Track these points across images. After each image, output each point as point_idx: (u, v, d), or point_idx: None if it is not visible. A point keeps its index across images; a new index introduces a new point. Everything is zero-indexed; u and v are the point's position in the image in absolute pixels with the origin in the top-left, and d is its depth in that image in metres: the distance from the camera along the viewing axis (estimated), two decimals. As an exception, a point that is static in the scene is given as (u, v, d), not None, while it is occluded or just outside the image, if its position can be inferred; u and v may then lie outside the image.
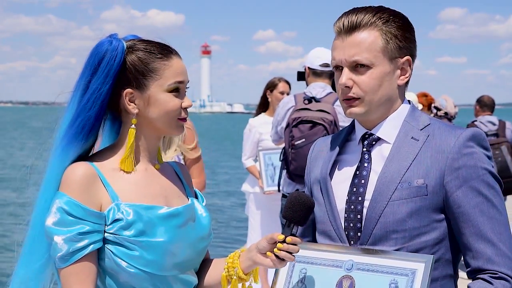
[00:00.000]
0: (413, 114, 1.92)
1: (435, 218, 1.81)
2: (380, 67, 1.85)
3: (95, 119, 1.84)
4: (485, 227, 1.77)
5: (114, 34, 1.89)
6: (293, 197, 1.83)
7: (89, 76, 1.83)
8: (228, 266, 1.93)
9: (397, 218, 1.80)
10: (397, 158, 1.85)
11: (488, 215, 1.78)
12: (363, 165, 1.91)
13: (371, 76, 1.85)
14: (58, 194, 1.78)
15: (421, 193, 1.80)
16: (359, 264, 1.77)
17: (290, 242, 1.80)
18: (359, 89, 1.86)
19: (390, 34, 1.86)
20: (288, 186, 4.86)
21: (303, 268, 1.87)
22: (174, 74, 1.86)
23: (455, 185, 1.79)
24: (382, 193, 1.83)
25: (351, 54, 1.85)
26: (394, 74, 1.88)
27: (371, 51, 1.84)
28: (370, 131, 1.93)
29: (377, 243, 1.82)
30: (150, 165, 1.94)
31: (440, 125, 1.89)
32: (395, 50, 1.86)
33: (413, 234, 1.80)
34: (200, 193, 2.10)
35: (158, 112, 1.85)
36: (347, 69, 1.86)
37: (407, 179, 1.81)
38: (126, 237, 1.77)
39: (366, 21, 1.85)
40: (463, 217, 1.79)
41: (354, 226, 1.87)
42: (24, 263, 1.86)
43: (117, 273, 1.80)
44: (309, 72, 4.87)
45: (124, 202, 1.81)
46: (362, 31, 1.85)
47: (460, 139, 1.81)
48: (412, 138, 1.86)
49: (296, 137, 4.61)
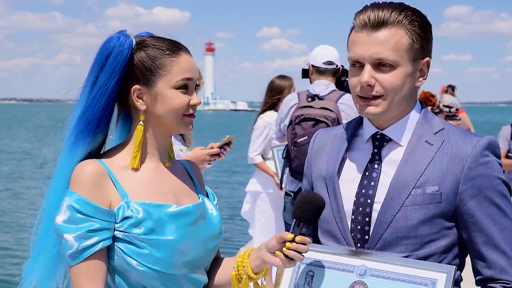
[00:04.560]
0: (426, 117, 1.88)
1: (446, 226, 1.79)
2: (403, 67, 1.79)
3: (101, 114, 1.83)
4: (498, 236, 1.77)
5: (123, 30, 1.89)
6: (303, 196, 1.80)
7: (97, 72, 1.83)
8: (238, 265, 1.92)
9: (409, 224, 1.77)
10: (411, 162, 1.81)
11: (501, 225, 1.77)
12: (373, 166, 1.86)
13: (395, 76, 1.79)
14: (68, 192, 1.78)
15: (435, 200, 1.77)
16: (373, 270, 1.72)
17: (300, 242, 1.78)
18: (382, 88, 1.79)
19: (416, 34, 1.80)
20: (290, 183, 4.86)
21: (310, 271, 1.84)
22: (182, 70, 1.85)
23: (470, 194, 1.77)
24: (394, 198, 1.79)
25: (376, 51, 1.78)
26: (414, 75, 1.84)
27: (397, 50, 1.78)
28: (382, 131, 1.88)
29: (386, 248, 1.79)
30: (160, 163, 1.93)
31: (454, 130, 1.85)
32: (418, 51, 1.81)
33: (424, 241, 1.77)
34: (212, 191, 2.09)
35: (165, 109, 1.84)
36: (370, 66, 1.80)
37: (421, 185, 1.78)
38: (135, 235, 1.77)
39: (393, 18, 1.79)
40: (476, 226, 1.77)
41: (361, 228, 1.83)
42: (34, 259, 1.87)
43: (127, 271, 1.79)
44: (313, 69, 4.87)
45: (134, 200, 1.80)
46: (389, 29, 1.78)
47: (477, 147, 1.78)
48: (426, 142, 1.82)
49: (299, 134, 4.62)
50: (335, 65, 4.80)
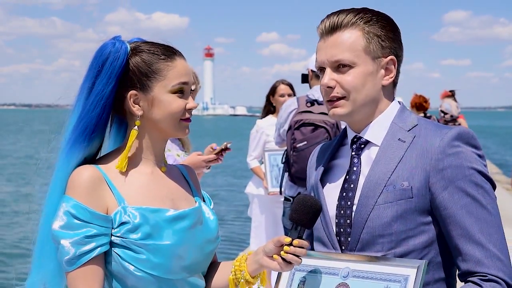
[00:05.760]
0: (401, 115, 1.89)
1: (422, 221, 1.77)
2: (362, 66, 1.83)
3: (98, 120, 1.84)
4: (473, 228, 1.72)
5: (118, 36, 1.89)
6: (300, 200, 1.81)
7: (93, 78, 1.84)
8: (235, 269, 1.93)
9: (382, 222, 1.77)
10: (383, 161, 1.82)
11: (476, 216, 1.73)
12: (352, 169, 1.88)
13: (354, 75, 1.83)
14: (65, 197, 1.78)
15: (406, 196, 1.76)
16: (355, 272, 1.74)
17: (297, 245, 1.78)
18: (342, 88, 1.84)
19: (372, 34, 1.84)
20: (290, 188, 4.86)
21: (302, 277, 1.85)
22: (177, 75, 1.86)
23: (440, 186, 1.75)
24: (368, 197, 1.80)
25: (332, 54, 1.84)
26: (378, 74, 1.86)
27: (353, 50, 1.82)
28: (359, 134, 1.91)
29: (365, 248, 1.79)
30: (156, 167, 1.93)
31: (427, 125, 1.85)
32: (377, 49, 1.84)
33: (400, 238, 1.76)
34: (208, 196, 2.10)
35: (162, 114, 1.85)
36: (330, 70, 1.85)
37: (392, 182, 1.78)
38: (133, 240, 1.77)
39: (347, 21, 1.84)
40: (450, 219, 1.74)
41: (344, 231, 1.85)
42: (37, 267, 1.87)
43: (124, 276, 1.79)
44: (312, 74, 4.87)
45: (131, 205, 1.80)
46: (343, 31, 1.84)
47: (445, 139, 1.77)
48: (399, 140, 1.83)
49: (298, 139, 4.62)
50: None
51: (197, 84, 4.04)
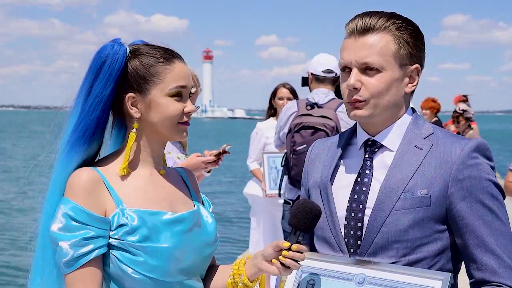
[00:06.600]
0: (416, 122, 1.91)
1: (437, 229, 1.79)
2: (389, 71, 1.83)
3: (97, 123, 1.84)
4: (489, 239, 1.76)
5: (117, 38, 1.89)
6: (299, 204, 1.81)
7: (92, 80, 1.84)
8: (233, 273, 1.92)
9: (399, 228, 1.78)
10: (400, 167, 1.83)
11: (492, 227, 1.77)
12: (365, 172, 1.89)
13: (380, 79, 1.82)
14: (63, 199, 1.78)
15: (424, 204, 1.78)
16: (371, 278, 1.73)
17: (296, 250, 1.78)
18: (366, 91, 1.83)
19: (403, 40, 1.84)
20: (289, 192, 4.85)
21: (310, 279, 1.84)
22: (175, 78, 1.86)
23: (459, 196, 1.77)
24: (384, 202, 1.81)
25: (362, 55, 1.82)
26: (402, 81, 1.86)
27: (383, 54, 1.82)
28: (373, 138, 1.91)
29: (378, 253, 1.80)
30: (154, 170, 1.93)
31: (443, 134, 1.87)
32: (406, 56, 1.85)
33: (415, 244, 1.78)
34: (207, 199, 2.09)
35: (159, 117, 1.85)
36: (357, 70, 1.84)
37: (410, 189, 1.79)
38: (130, 242, 1.76)
39: (380, 24, 1.83)
40: (467, 229, 1.77)
41: (354, 234, 1.85)
42: (38, 270, 1.86)
43: (122, 279, 1.79)
44: (312, 78, 4.87)
45: (129, 207, 1.80)
46: (376, 34, 1.83)
47: (465, 149, 1.79)
48: (416, 147, 1.85)
49: (298, 142, 4.61)
50: (334, 73, 4.80)
51: (198, 87, 4.02)
